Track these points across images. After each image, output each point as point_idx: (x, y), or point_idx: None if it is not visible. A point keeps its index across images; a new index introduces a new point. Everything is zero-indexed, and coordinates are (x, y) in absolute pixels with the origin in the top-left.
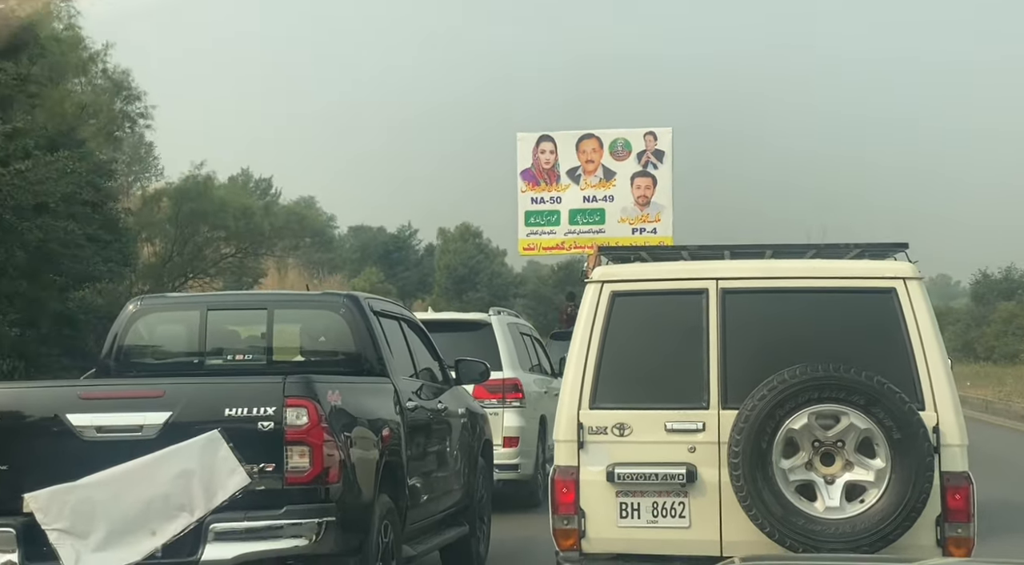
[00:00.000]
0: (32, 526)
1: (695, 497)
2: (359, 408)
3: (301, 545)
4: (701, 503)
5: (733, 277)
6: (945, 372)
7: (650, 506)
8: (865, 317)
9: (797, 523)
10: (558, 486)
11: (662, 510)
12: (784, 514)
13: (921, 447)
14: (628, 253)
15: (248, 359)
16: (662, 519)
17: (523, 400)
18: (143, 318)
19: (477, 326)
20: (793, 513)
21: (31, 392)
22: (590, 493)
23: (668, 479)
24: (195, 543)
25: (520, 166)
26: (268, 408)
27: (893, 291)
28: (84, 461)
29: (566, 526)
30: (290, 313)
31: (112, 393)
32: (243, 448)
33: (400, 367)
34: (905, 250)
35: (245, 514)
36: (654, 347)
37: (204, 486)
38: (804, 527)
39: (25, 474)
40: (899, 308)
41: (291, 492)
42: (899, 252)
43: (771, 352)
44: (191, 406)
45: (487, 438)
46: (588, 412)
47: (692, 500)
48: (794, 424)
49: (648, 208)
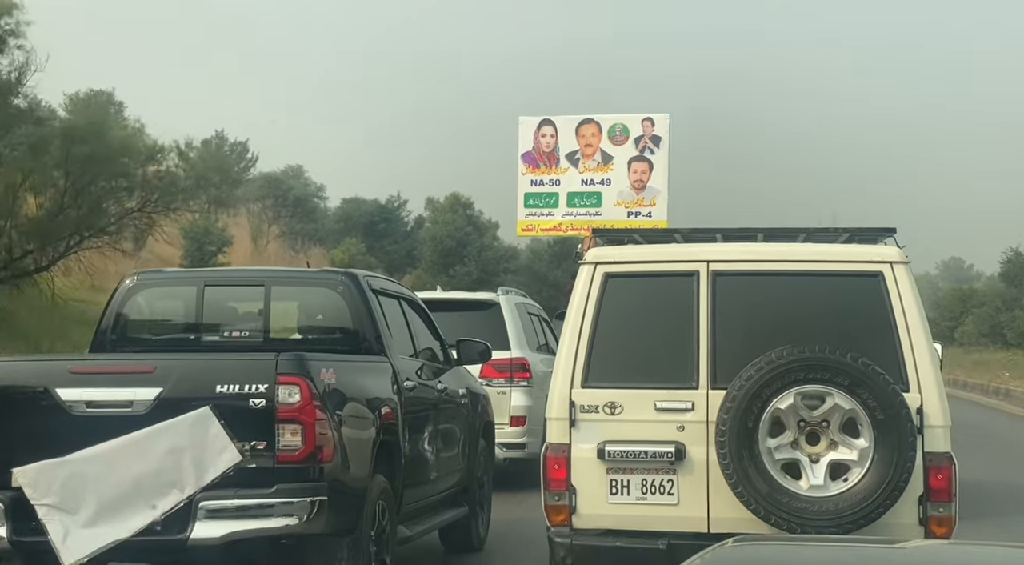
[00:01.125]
0: (20, 500)
1: (683, 475)
2: (354, 387)
3: (292, 524)
4: (689, 481)
5: (724, 260)
6: (930, 355)
7: (639, 483)
8: (853, 300)
9: (782, 501)
10: (550, 463)
11: (651, 487)
12: (769, 492)
13: (904, 427)
14: (622, 235)
15: (245, 336)
16: (651, 496)
17: (530, 380)
18: (140, 293)
19: (486, 306)
20: (778, 491)
21: (21, 366)
22: (581, 470)
23: (657, 457)
24: (185, 520)
25: (521, 149)
26: (260, 385)
27: (880, 275)
28: (74, 436)
29: (557, 502)
30: (288, 290)
31: (102, 368)
32: (234, 425)
33: (399, 346)
34: (893, 235)
35: (236, 492)
36: (645, 328)
37: (195, 463)
38: (789, 505)
39: (14, 448)
40: (886, 292)
41: (283, 470)
42: (888, 237)
43: (760, 333)
44: (182, 382)
45: (488, 419)
46: (580, 391)
47: (680, 478)
48: (780, 404)
49: (644, 192)
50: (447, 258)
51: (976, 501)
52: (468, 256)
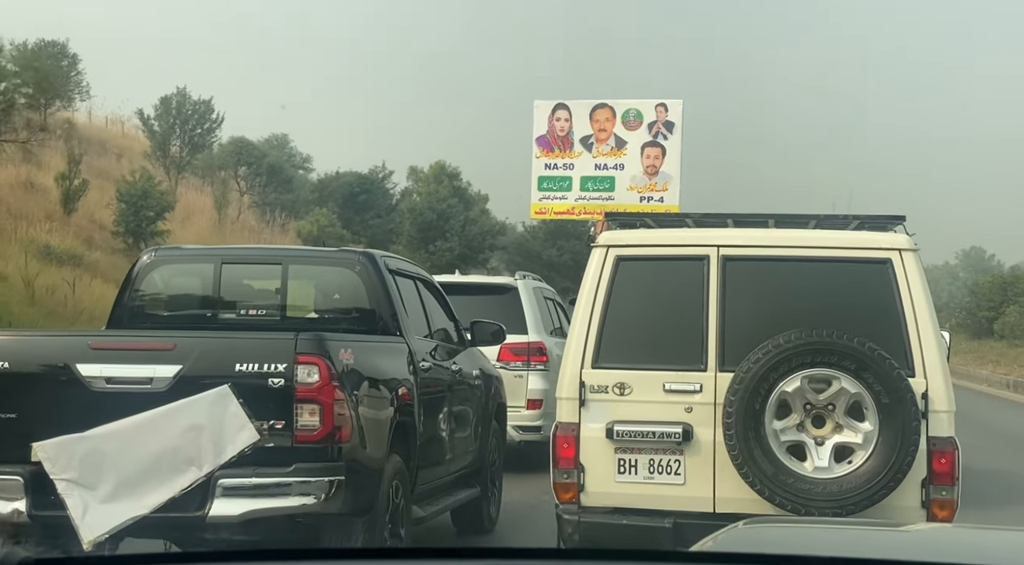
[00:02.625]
0: (40, 475)
1: (690, 455)
2: (372, 367)
3: (309, 504)
4: (696, 461)
5: (734, 245)
6: (936, 341)
7: (647, 463)
8: (861, 286)
9: (787, 482)
10: (559, 442)
11: (658, 467)
12: (775, 473)
13: (908, 412)
14: (634, 219)
15: (261, 314)
16: (658, 476)
17: (547, 364)
18: (157, 269)
19: (503, 290)
20: (783, 472)
21: (41, 341)
22: (590, 449)
23: (665, 437)
24: (203, 498)
25: (536, 132)
26: (279, 365)
27: (889, 262)
28: (93, 412)
29: (566, 480)
30: (305, 269)
31: (123, 344)
32: (253, 404)
33: (415, 327)
34: (903, 223)
35: (254, 471)
36: (655, 310)
37: (213, 441)
38: (793, 486)
39: (34, 423)
40: (894, 278)
41: (301, 450)
42: (897, 224)
43: (768, 318)
44: (202, 360)
45: (501, 400)
46: (590, 371)
47: (687, 458)
48: (787, 387)
49: (657, 177)
50: (427, 232)
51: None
52: (451, 231)
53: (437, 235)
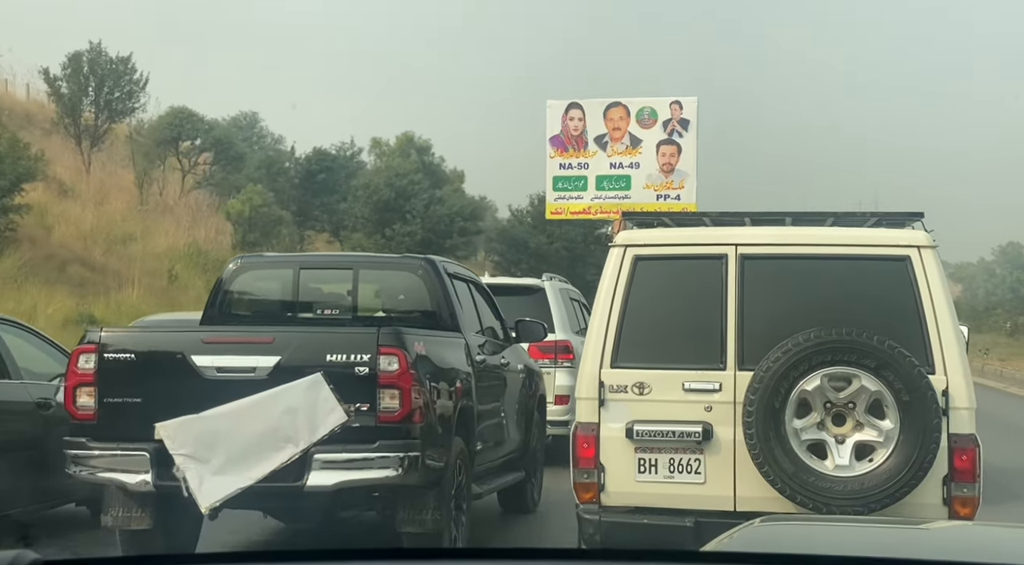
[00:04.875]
0: (162, 451)
1: (710, 454)
2: (439, 358)
3: (391, 475)
4: (716, 460)
5: (752, 243)
6: (956, 338)
7: (667, 462)
8: (880, 283)
9: (808, 480)
10: (579, 442)
11: (679, 466)
12: (795, 471)
13: (929, 409)
14: (652, 218)
15: (335, 314)
16: (678, 475)
17: (573, 361)
18: (243, 274)
19: (532, 291)
20: (804, 471)
21: (162, 336)
22: (610, 449)
23: (685, 437)
24: (300, 470)
25: (549, 132)
26: (364, 355)
27: (908, 259)
28: (206, 397)
29: (586, 480)
30: (374, 273)
31: (230, 338)
32: (342, 390)
33: (469, 324)
34: (921, 219)
35: (344, 447)
36: (674, 309)
37: (308, 422)
38: (814, 484)
39: (156, 406)
40: (913, 275)
41: (383, 429)
42: (915, 221)
43: (787, 316)
44: (297, 352)
45: (541, 393)
46: (609, 371)
47: (708, 457)
48: (807, 385)
49: (672, 175)
50: (384, 214)
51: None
52: (412, 211)
53: (396, 217)
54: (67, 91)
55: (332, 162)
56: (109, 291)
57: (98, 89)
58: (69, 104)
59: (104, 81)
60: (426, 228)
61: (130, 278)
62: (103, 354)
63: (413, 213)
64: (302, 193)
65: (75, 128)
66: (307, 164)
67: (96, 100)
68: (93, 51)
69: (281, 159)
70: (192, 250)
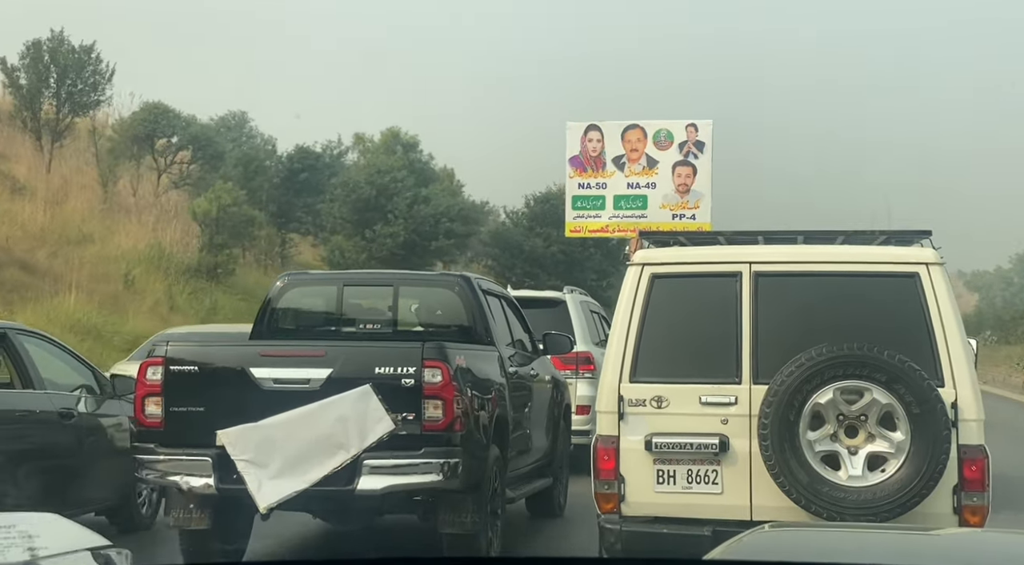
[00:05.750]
0: (224, 457)
1: (727, 465)
2: (477, 370)
3: (436, 480)
4: (733, 471)
5: (765, 261)
6: (964, 352)
7: (685, 473)
8: (890, 300)
9: (822, 490)
10: (600, 454)
11: (696, 477)
12: (810, 482)
13: (939, 421)
14: (668, 238)
15: (376, 328)
16: (696, 485)
17: (594, 372)
18: (289, 291)
19: (553, 304)
20: (818, 481)
21: (223, 350)
22: (629, 460)
23: (702, 448)
24: (351, 475)
25: (568, 153)
26: (409, 368)
27: (916, 276)
28: (263, 406)
29: (607, 491)
30: (412, 290)
31: (286, 352)
32: (389, 400)
33: (502, 337)
34: (929, 237)
35: (391, 453)
36: (690, 325)
37: (358, 430)
38: (829, 494)
39: (218, 415)
40: (922, 292)
41: (427, 437)
42: (923, 239)
43: (800, 331)
44: (347, 364)
45: (567, 402)
46: (628, 385)
47: (724, 468)
48: (820, 399)
49: (688, 195)
50: (364, 214)
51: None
52: (394, 211)
53: (378, 217)
54: (26, 82)
55: (316, 161)
56: (44, 297)
57: (60, 80)
58: (28, 96)
59: (67, 72)
60: (409, 229)
61: (75, 282)
62: (169, 367)
63: (396, 213)
64: (283, 193)
65: (34, 122)
66: (289, 163)
67: (58, 92)
68: (55, 40)
69: (260, 157)
70: (154, 253)
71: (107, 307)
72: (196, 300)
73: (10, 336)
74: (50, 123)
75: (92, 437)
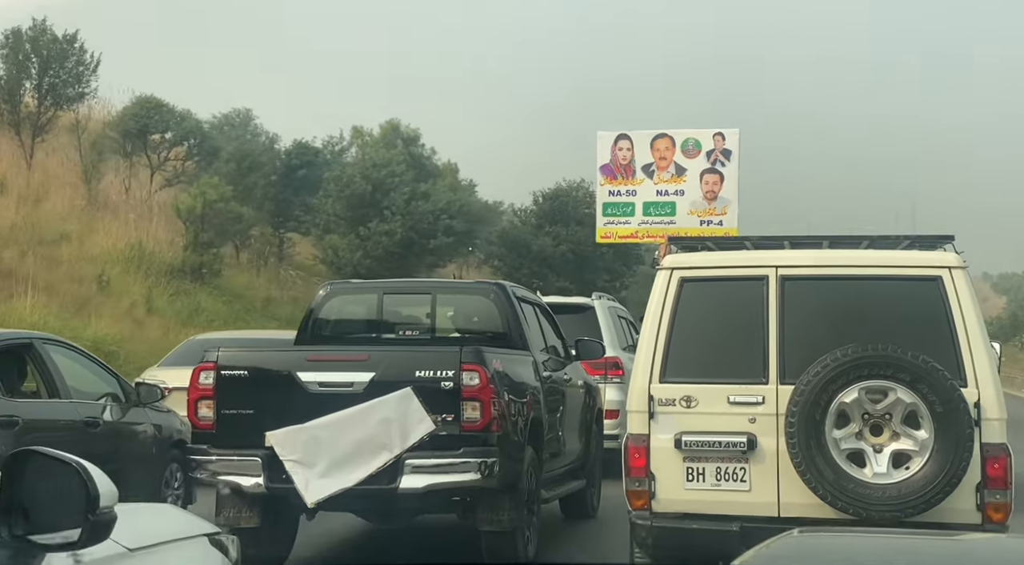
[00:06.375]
0: (273, 457)
1: (755, 463)
2: (513, 374)
3: (474, 479)
4: (760, 469)
5: (791, 265)
6: (987, 353)
7: (714, 471)
8: (913, 302)
9: (848, 487)
10: (630, 452)
11: (725, 475)
12: (836, 479)
13: (962, 420)
14: (696, 243)
15: (415, 334)
16: (725, 483)
17: (622, 377)
18: (332, 299)
19: (582, 309)
20: (844, 478)
21: (271, 355)
22: (659, 459)
23: (730, 447)
24: (394, 474)
25: (599, 161)
26: (448, 371)
27: (939, 279)
28: (310, 408)
29: (637, 488)
30: (450, 297)
31: (331, 357)
32: (429, 402)
33: (536, 343)
34: (952, 242)
35: (432, 453)
36: (718, 328)
37: (400, 431)
38: (854, 491)
39: (266, 417)
40: (944, 294)
41: (466, 437)
42: (946, 243)
43: (826, 333)
44: (389, 368)
45: (599, 407)
46: (658, 385)
47: (752, 466)
48: (846, 398)
49: (715, 202)
50: (359, 210)
51: None
52: (390, 207)
53: (373, 214)
54: (4, 73)
55: (315, 157)
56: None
57: (41, 72)
58: (7, 88)
59: (49, 63)
60: (407, 227)
61: (45, 284)
62: (220, 371)
63: (392, 209)
64: (280, 191)
65: (14, 115)
66: (287, 159)
67: (39, 84)
68: (36, 29)
69: (256, 152)
70: (134, 253)
71: (71, 310)
72: (177, 302)
73: (36, 345)
74: (31, 117)
75: (118, 445)
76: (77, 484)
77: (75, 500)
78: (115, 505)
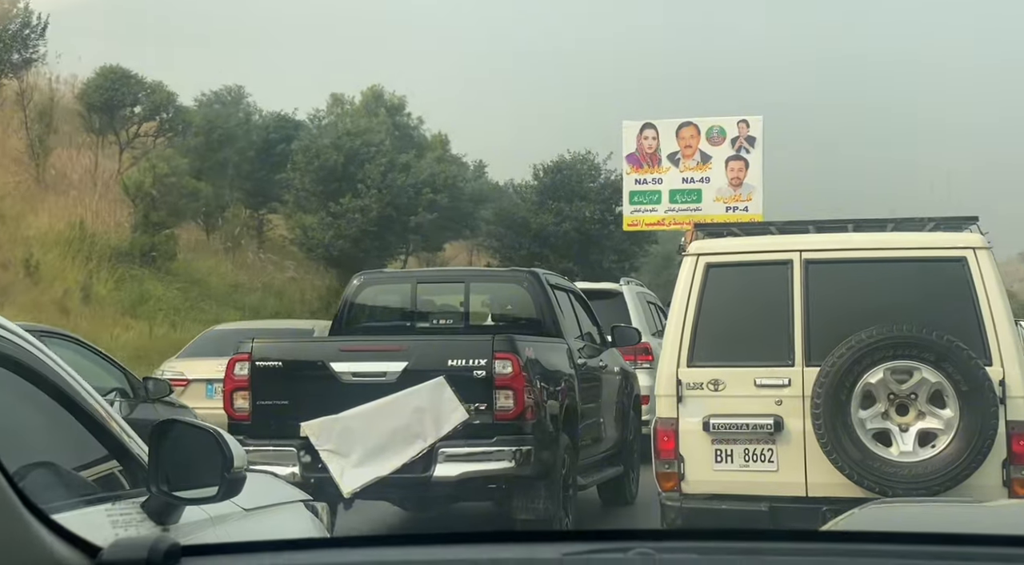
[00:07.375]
0: (308, 447)
1: (782, 444)
2: (547, 362)
3: (508, 467)
4: (787, 449)
5: (816, 249)
6: (1011, 331)
7: (742, 452)
8: (938, 283)
9: (874, 466)
10: (660, 435)
11: (753, 456)
12: (862, 458)
13: (987, 398)
14: (721, 229)
15: (449, 323)
16: (753, 464)
17: (652, 362)
18: (366, 289)
19: (610, 295)
20: (870, 457)
21: (305, 346)
22: (688, 441)
23: (758, 428)
24: (428, 463)
25: (625, 150)
26: (481, 360)
27: (964, 260)
28: (344, 398)
29: (667, 470)
30: (483, 286)
31: (364, 347)
32: (462, 391)
33: (570, 330)
34: (976, 223)
35: (465, 442)
36: (744, 311)
37: (433, 420)
38: (880, 470)
39: (301, 408)
40: (969, 275)
41: (499, 426)
42: (971, 225)
43: (850, 315)
44: (422, 358)
45: (637, 392)
46: (686, 370)
47: (779, 447)
48: (871, 379)
49: (740, 189)
50: (330, 184)
51: None
52: (365, 180)
53: (346, 188)
54: None
55: (295, 131)
56: None
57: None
58: None
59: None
60: (384, 202)
61: None
62: (255, 362)
63: (367, 183)
64: (258, 168)
65: None
66: (265, 132)
67: None
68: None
69: (229, 124)
70: (74, 235)
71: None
72: (121, 289)
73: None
74: None
75: None
76: (214, 448)
77: (213, 461)
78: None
